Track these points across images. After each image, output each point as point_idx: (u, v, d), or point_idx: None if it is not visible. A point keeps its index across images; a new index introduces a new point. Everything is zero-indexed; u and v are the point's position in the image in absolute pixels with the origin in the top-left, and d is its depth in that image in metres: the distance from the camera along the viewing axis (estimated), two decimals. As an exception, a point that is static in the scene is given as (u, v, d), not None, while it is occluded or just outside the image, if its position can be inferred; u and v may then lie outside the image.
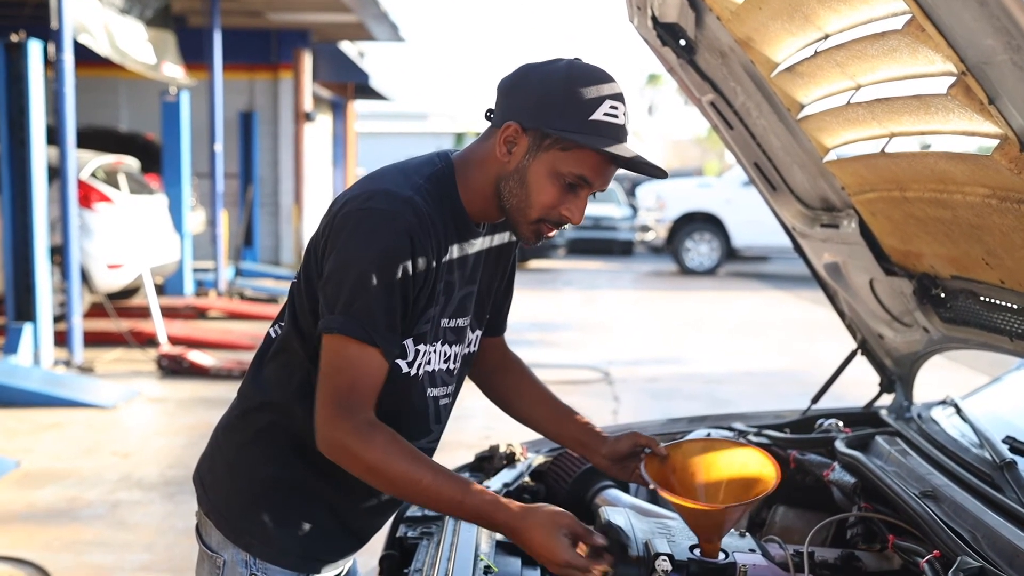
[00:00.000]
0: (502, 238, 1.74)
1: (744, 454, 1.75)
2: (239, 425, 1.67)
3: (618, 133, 1.50)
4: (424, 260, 1.50)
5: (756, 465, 1.72)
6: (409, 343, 1.56)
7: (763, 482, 1.67)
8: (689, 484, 1.72)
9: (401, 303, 1.49)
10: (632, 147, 1.51)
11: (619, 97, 1.52)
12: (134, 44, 9.55)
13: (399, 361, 1.58)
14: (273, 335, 1.68)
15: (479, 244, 1.67)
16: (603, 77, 1.52)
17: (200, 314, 10.51)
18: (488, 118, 1.60)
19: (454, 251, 1.58)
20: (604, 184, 1.55)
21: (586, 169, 1.50)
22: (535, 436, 2.14)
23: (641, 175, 1.58)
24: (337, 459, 1.48)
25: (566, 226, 1.59)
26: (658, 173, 1.54)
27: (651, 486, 1.74)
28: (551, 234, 1.59)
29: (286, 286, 12.99)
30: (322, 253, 1.53)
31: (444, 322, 1.61)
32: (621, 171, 1.94)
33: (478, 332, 1.76)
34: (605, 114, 1.49)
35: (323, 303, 1.49)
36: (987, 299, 1.97)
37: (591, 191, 1.55)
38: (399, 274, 1.47)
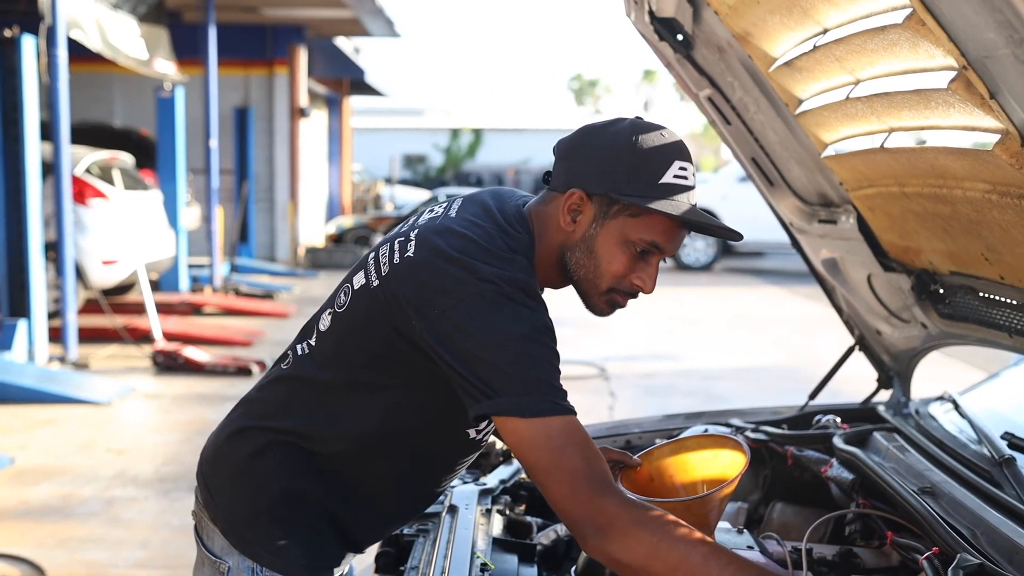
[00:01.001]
0: None
1: (713, 446, 1.75)
2: (252, 436, 1.61)
3: (689, 196, 1.46)
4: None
5: (728, 455, 1.72)
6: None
7: (736, 467, 1.67)
8: (669, 488, 1.72)
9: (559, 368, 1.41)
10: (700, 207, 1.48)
11: (687, 157, 1.48)
12: (126, 40, 9.51)
13: (469, 429, 1.54)
14: (300, 352, 1.61)
15: None
16: (669, 136, 1.48)
17: (195, 310, 10.49)
18: (546, 181, 1.56)
19: None
20: (675, 249, 1.50)
21: (658, 235, 1.45)
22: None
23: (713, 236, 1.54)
24: (602, 544, 1.33)
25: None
26: (733, 236, 1.49)
27: None
28: (625, 304, 1.53)
29: (281, 282, 13.01)
30: (422, 318, 1.41)
31: None
32: None
33: None
34: (675, 176, 1.44)
35: (478, 383, 1.37)
36: (986, 295, 1.96)
37: (662, 257, 1.49)
38: (551, 343, 1.41)
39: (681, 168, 1.45)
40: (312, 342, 1.60)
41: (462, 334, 1.38)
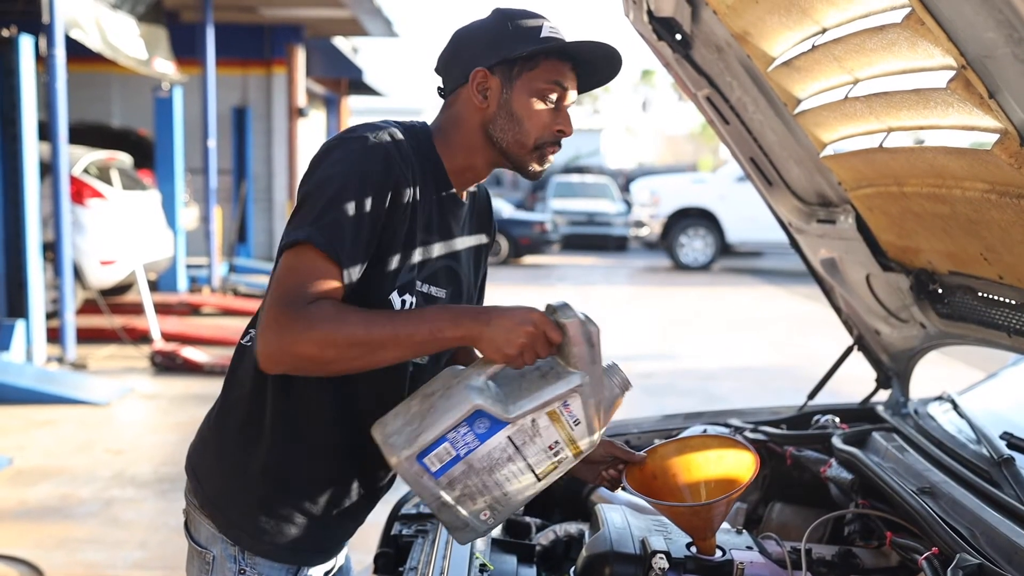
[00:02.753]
0: (478, 238, 1.75)
1: (718, 446, 1.74)
2: (228, 414, 1.64)
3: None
4: (401, 188, 1.49)
5: (733, 456, 1.71)
6: (395, 295, 1.54)
7: (743, 471, 1.67)
8: (672, 487, 1.72)
9: (370, 225, 1.46)
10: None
11: (550, 20, 1.63)
12: (125, 39, 9.50)
13: (392, 295, 1.55)
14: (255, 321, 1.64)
15: (462, 221, 1.67)
16: (531, 9, 1.62)
17: (194, 310, 10.48)
18: (441, 95, 1.67)
19: (433, 208, 1.57)
20: (575, 91, 1.62)
21: (558, 75, 1.58)
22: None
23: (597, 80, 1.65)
24: (283, 360, 1.40)
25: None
26: (612, 51, 1.59)
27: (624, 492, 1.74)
28: (553, 155, 1.63)
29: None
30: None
31: (419, 284, 1.58)
32: (615, 166, 1.94)
33: None
34: (550, 29, 1.58)
35: (289, 227, 1.47)
36: (985, 295, 1.96)
37: (568, 102, 1.61)
38: (372, 194, 1.46)
39: (551, 27, 1.59)
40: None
41: (304, 183, 1.49)
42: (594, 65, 1.62)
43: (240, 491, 1.60)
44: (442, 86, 1.65)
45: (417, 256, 1.56)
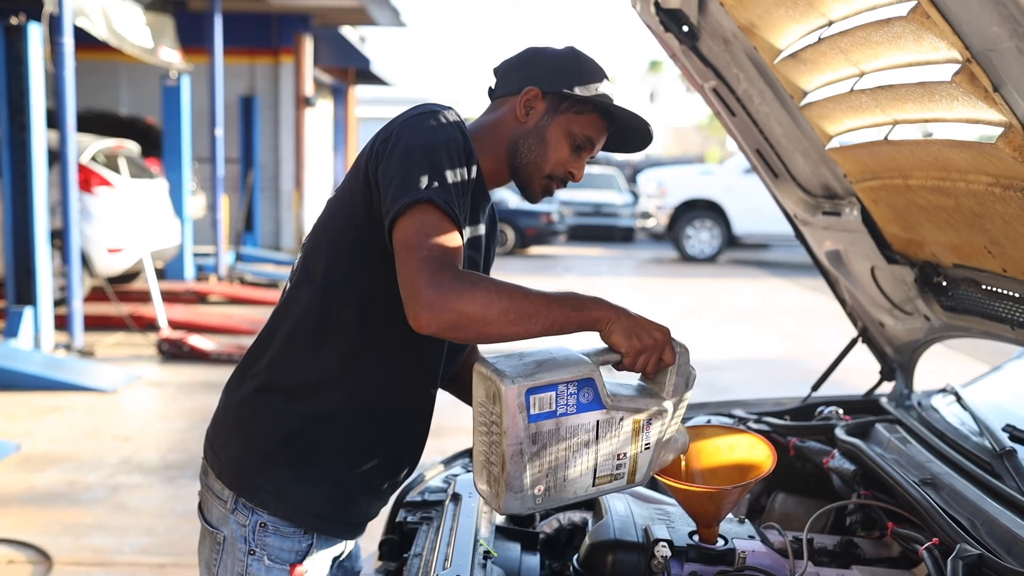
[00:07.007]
0: (491, 232, 1.78)
1: (737, 439, 1.75)
2: (247, 384, 1.64)
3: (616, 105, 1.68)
4: (474, 164, 1.54)
5: (750, 449, 1.72)
6: None
7: (758, 465, 1.68)
8: (685, 471, 1.73)
9: (466, 192, 1.51)
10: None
11: (611, 83, 1.70)
12: (132, 28, 9.52)
13: None
14: (286, 289, 1.65)
15: (486, 214, 1.72)
16: (598, 62, 1.70)
17: (200, 299, 10.51)
18: (491, 95, 1.73)
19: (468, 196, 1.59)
20: (598, 149, 1.71)
21: (593, 132, 1.67)
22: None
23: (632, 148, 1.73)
24: (444, 317, 1.37)
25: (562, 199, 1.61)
26: (647, 132, 1.68)
27: None
28: (554, 191, 1.71)
29: (287, 271, 12.99)
30: (378, 161, 1.52)
31: None
32: (623, 156, 1.99)
33: None
34: (608, 88, 1.67)
35: (390, 192, 1.45)
36: (989, 287, 1.97)
37: (590, 154, 1.70)
38: (468, 164, 1.51)
39: (609, 87, 1.68)
40: (294, 269, 1.67)
41: (390, 149, 1.50)
42: (627, 134, 1.70)
43: (262, 454, 1.59)
44: (494, 88, 1.72)
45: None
